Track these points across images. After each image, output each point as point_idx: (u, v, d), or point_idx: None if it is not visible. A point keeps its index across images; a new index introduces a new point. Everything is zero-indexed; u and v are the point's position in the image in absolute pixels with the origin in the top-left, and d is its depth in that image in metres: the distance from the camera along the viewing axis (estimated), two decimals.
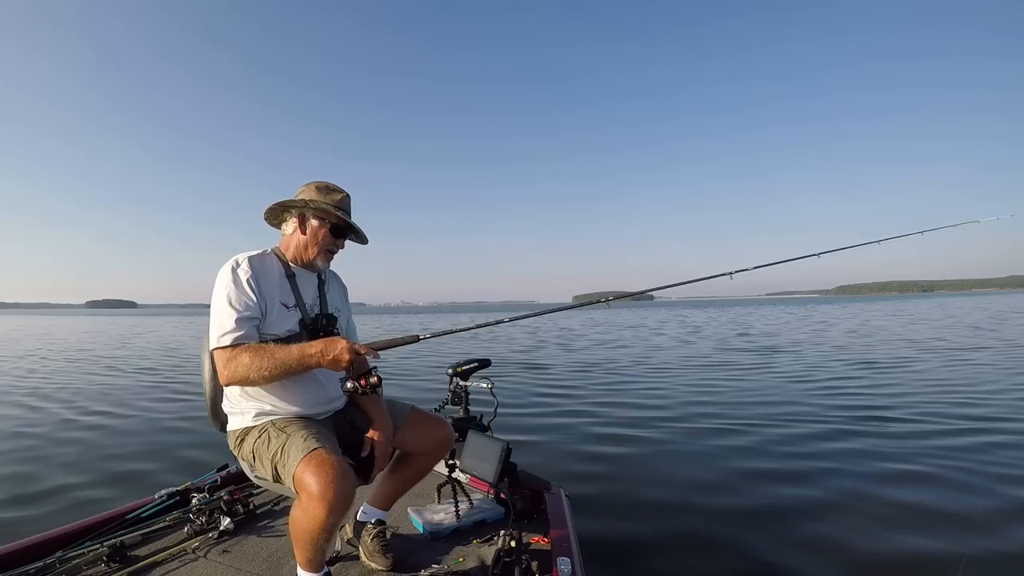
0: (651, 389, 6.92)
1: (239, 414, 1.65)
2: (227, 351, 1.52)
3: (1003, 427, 4.52)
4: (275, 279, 1.68)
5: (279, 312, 1.64)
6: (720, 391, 6.61)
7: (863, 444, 4.13)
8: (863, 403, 5.67)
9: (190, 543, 1.94)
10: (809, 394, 6.28)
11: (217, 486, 2.35)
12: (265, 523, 2.15)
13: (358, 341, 1.81)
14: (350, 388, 1.61)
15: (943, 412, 5.11)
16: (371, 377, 1.60)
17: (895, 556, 2.45)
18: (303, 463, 1.39)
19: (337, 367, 1.53)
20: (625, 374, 8.47)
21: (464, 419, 2.53)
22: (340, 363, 1.51)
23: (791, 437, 4.40)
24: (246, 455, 1.63)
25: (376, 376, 1.61)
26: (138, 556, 1.85)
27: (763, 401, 5.97)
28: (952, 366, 8.24)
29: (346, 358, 1.50)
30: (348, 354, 1.49)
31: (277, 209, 1.76)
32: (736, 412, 5.36)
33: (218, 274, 1.61)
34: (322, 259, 1.78)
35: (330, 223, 1.75)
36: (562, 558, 1.61)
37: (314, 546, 1.44)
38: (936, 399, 5.74)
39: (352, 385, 1.61)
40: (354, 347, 1.51)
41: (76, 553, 1.79)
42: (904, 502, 3.00)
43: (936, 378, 7.13)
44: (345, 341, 1.51)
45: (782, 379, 7.43)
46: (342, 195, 1.77)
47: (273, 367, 1.48)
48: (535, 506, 2.25)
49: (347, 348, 1.49)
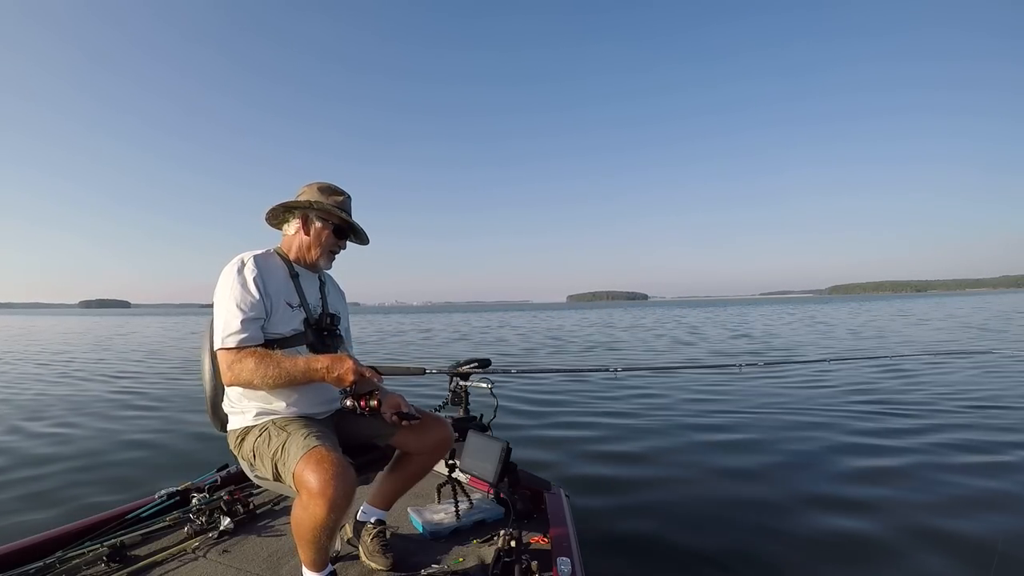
0: (651, 388, 6.95)
1: (240, 413, 1.66)
2: (232, 353, 1.52)
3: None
4: (280, 278, 1.69)
5: (284, 311, 1.65)
6: (729, 392, 6.57)
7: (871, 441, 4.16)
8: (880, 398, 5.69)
9: (190, 543, 1.94)
10: (814, 396, 6.27)
11: (217, 486, 2.35)
12: (265, 523, 2.15)
13: (353, 347, 1.81)
14: (349, 406, 1.64)
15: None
16: (371, 400, 1.61)
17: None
18: (303, 460, 1.40)
19: (340, 385, 1.54)
20: (626, 373, 8.46)
21: (464, 419, 2.53)
22: (343, 382, 1.52)
23: (792, 437, 4.43)
24: (246, 454, 1.63)
25: (377, 400, 1.62)
26: (138, 556, 1.85)
27: (773, 404, 5.86)
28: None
29: (350, 379, 1.51)
30: (353, 375, 1.51)
31: (279, 210, 1.77)
32: (748, 415, 5.34)
33: (222, 273, 1.62)
34: (325, 260, 1.80)
35: (333, 224, 1.76)
36: (562, 558, 1.62)
37: (316, 544, 1.45)
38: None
39: (352, 404, 1.62)
40: (359, 368, 1.52)
41: (76, 553, 1.78)
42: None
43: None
44: (351, 361, 1.52)
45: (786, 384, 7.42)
46: (343, 196, 1.79)
47: (277, 376, 1.50)
48: (535, 506, 2.26)
49: (352, 369, 1.50)
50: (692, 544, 2.62)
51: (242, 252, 1.68)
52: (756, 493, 3.28)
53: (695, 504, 3.13)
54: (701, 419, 5.18)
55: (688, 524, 2.85)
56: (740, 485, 3.44)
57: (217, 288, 1.61)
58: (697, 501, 3.17)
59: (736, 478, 3.56)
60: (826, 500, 3.11)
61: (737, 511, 3.02)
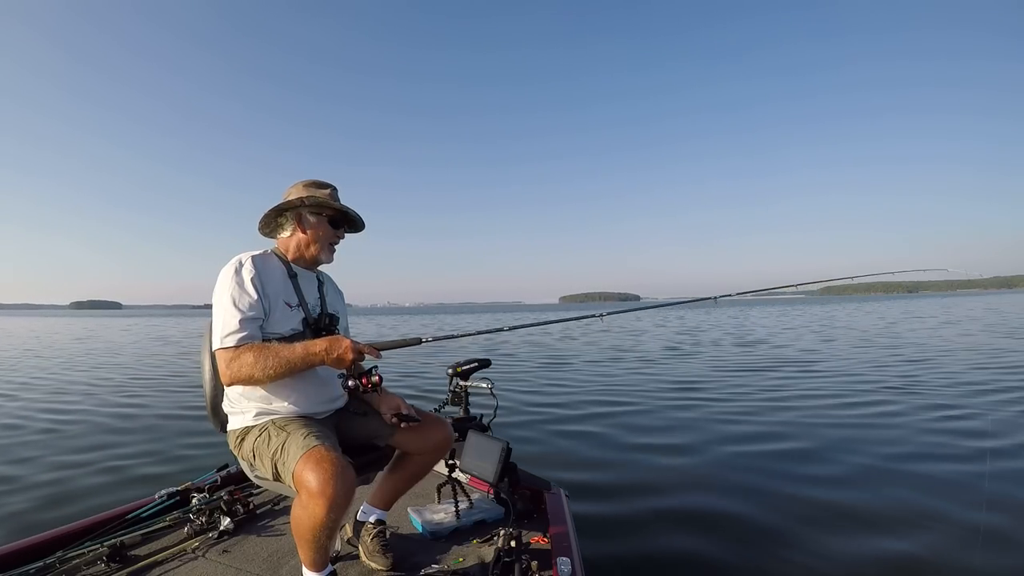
0: (652, 387, 6.98)
1: (239, 413, 1.66)
2: (230, 351, 1.52)
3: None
4: (278, 278, 1.69)
5: (283, 311, 1.65)
6: (729, 392, 6.60)
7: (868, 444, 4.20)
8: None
9: (190, 543, 1.93)
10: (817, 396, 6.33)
11: (217, 486, 2.35)
12: (265, 523, 2.15)
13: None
14: (351, 386, 1.62)
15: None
16: (372, 376, 1.61)
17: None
18: (302, 460, 1.40)
19: (340, 366, 1.54)
20: (626, 373, 8.52)
21: (464, 419, 2.54)
22: (344, 362, 1.53)
23: (793, 438, 4.46)
24: (246, 454, 1.63)
25: (377, 375, 1.62)
26: (138, 556, 1.84)
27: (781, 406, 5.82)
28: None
29: (350, 357, 1.52)
30: (352, 353, 1.51)
31: (271, 216, 1.76)
32: (749, 416, 5.35)
33: (220, 274, 1.62)
34: (326, 253, 1.80)
35: (327, 215, 1.76)
36: (562, 558, 1.62)
37: (316, 544, 1.45)
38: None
39: (353, 383, 1.62)
40: (358, 346, 1.53)
41: (76, 553, 1.78)
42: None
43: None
44: (349, 340, 1.53)
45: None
46: (331, 188, 1.79)
47: (277, 365, 1.50)
48: (535, 506, 2.26)
49: (351, 347, 1.51)
50: (692, 544, 2.64)
51: (237, 253, 1.68)
52: (756, 493, 3.29)
53: (695, 504, 3.14)
54: (703, 419, 5.21)
55: (689, 524, 2.86)
56: (741, 484, 3.45)
57: (215, 289, 1.60)
58: (697, 501, 3.19)
59: (737, 476, 3.58)
60: (846, 507, 3.05)
61: (738, 509, 3.03)
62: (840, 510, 2.98)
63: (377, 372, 1.64)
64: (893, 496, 3.17)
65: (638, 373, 8.60)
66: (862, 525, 2.79)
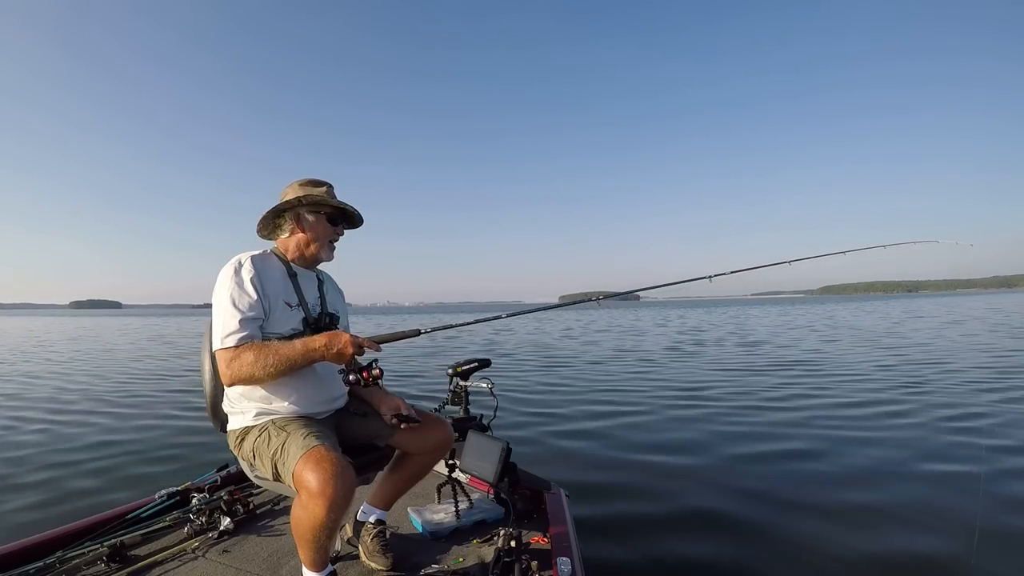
0: (651, 386, 6.98)
1: (239, 413, 1.66)
2: (230, 351, 1.52)
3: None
4: (278, 278, 1.69)
5: (283, 310, 1.65)
6: (731, 393, 6.59)
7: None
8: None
9: (190, 543, 1.94)
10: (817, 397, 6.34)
11: (217, 486, 2.35)
12: (265, 523, 2.15)
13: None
14: (352, 381, 1.62)
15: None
16: (373, 370, 1.61)
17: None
18: (302, 460, 1.40)
19: (340, 360, 1.55)
20: (626, 374, 8.52)
21: (464, 419, 2.54)
22: (344, 357, 1.53)
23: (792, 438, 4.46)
24: (246, 454, 1.63)
25: (378, 369, 1.62)
26: (138, 556, 1.84)
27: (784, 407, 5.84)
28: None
29: (350, 351, 1.52)
30: (351, 347, 1.52)
31: (269, 218, 1.76)
32: (750, 416, 5.34)
33: (220, 274, 1.61)
34: (326, 251, 1.80)
35: (325, 213, 1.76)
36: (562, 558, 1.63)
37: (316, 544, 1.45)
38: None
39: (355, 378, 1.61)
40: (357, 340, 1.53)
41: (76, 553, 1.78)
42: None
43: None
44: (348, 335, 1.54)
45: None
46: (327, 186, 1.79)
47: (278, 363, 1.50)
48: (535, 506, 2.26)
49: (350, 341, 1.52)
50: (693, 544, 2.64)
51: (237, 252, 1.68)
52: (756, 493, 3.29)
53: (695, 504, 3.14)
54: (704, 419, 5.21)
55: (689, 524, 2.87)
56: (740, 484, 3.45)
57: (215, 289, 1.60)
58: (698, 501, 3.19)
59: (737, 476, 3.58)
60: (836, 507, 3.07)
61: (737, 510, 3.03)
62: (844, 511, 2.98)
63: (378, 366, 1.64)
64: (898, 496, 3.16)
65: (638, 373, 8.61)
66: (865, 526, 2.79)
